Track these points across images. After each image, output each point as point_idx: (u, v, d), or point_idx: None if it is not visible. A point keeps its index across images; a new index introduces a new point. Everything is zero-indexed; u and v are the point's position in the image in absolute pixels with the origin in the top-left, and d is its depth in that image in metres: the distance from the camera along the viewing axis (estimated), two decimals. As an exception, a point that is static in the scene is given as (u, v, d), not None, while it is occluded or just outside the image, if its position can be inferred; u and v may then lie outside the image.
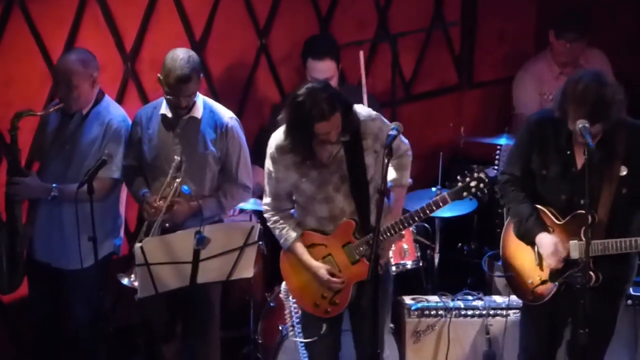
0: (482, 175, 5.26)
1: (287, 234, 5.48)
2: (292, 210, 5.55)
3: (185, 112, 5.85)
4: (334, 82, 6.51)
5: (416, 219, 5.34)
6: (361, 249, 5.39)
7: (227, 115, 5.95)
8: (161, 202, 5.77)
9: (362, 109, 5.43)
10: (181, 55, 5.74)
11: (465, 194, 5.28)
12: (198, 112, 5.88)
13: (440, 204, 5.31)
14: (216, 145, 5.89)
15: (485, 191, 5.31)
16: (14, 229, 5.93)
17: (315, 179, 5.39)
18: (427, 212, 5.31)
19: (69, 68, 5.83)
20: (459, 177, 5.29)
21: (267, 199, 5.53)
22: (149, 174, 5.95)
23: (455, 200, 5.31)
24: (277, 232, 5.51)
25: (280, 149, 5.39)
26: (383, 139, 5.27)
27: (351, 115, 5.29)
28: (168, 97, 5.79)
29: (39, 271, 6.05)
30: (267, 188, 5.52)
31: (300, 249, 5.47)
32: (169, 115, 5.88)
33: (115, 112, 5.98)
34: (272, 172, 5.44)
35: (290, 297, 5.87)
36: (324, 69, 6.46)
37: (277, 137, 5.42)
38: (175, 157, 5.80)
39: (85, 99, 5.90)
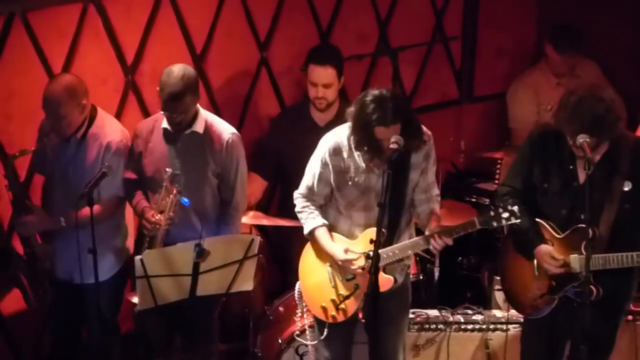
0: (515, 208, 5.24)
1: (315, 219, 5.51)
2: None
3: (186, 127, 5.85)
4: (332, 92, 6.54)
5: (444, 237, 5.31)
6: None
7: (228, 130, 5.94)
8: (160, 216, 5.76)
9: (423, 127, 5.44)
10: (176, 72, 5.72)
11: (495, 223, 5.26)
12: (200, 126, 5.87)
13: (468, 228, 5.30)
14: (216, 160, 5.88)
15: (515, 226, 5.31)
16: (31, 250, 5.91)
17: (360, 184, 5.42)
18: (454, 233, 5.31)
19: (56, 99, 5.75)
20: (492, 206, 5.28)
21: (301, 189, 5.56)
22: (149, 187, 5.93)
23: (483, 226, 5.29)
24: (304, 215, 5.54)
25: (335, 149, 5.42)
26: (432, 158, 5.42)
27: (414, 127, 5.32)
28: (163, 112, 5.80)
29: (62, 286, 6.03)
30: (305, 182, 5.55)
31: (324, 233, 5.49)
32: (170, 129, 5.87)
33: (112, 131, 5.93)
34: (318, 171, 5.48)
35: (303, 299, 5.80)
36: (323, 75, 6.48)
37: (335, 135, 5.45)
38: (167, 169, 5.78)
39: (75, 124, 5.85)
